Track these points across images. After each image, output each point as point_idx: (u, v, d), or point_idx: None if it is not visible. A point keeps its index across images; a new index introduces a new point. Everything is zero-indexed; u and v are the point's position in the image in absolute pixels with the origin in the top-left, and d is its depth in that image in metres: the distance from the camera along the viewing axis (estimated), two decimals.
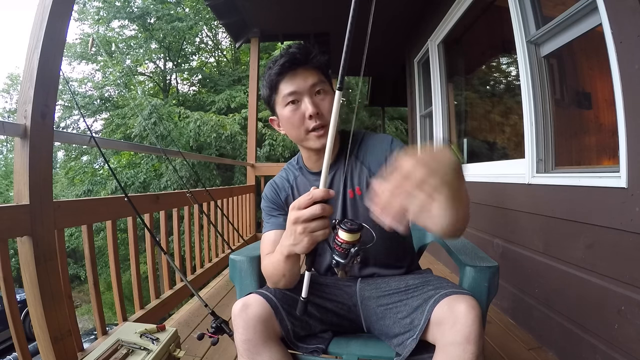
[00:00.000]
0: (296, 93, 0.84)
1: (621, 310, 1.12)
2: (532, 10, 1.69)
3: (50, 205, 1.16)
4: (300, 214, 0.63)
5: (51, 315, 1.12)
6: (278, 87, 0.85)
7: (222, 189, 3.05)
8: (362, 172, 0.90)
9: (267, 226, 0.95)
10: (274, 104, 0.89)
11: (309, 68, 0.84)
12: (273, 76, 0.84)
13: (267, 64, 0.87)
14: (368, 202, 0.88)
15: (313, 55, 0.84)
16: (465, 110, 3.14)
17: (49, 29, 1.11)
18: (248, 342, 0.76)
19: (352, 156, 0.92)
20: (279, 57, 0.84)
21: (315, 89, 0.84)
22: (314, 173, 0.95)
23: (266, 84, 0.87)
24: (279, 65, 0.83)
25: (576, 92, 1.80)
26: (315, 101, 0.84)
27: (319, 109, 0.83)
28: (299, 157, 1.01)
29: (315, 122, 0.83)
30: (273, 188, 0.99)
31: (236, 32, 3.86)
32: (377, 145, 0.91)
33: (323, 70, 0.87)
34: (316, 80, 0.84)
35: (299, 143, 0.91)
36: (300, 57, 0.83)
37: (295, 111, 0.84)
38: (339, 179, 0.92)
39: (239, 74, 11.90)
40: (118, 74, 11.41)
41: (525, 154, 1.69)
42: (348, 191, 0.91)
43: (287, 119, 0.86)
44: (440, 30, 2.83)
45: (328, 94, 0.86)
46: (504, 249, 1.88)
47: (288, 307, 0.82)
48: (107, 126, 11.61)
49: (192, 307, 2.08)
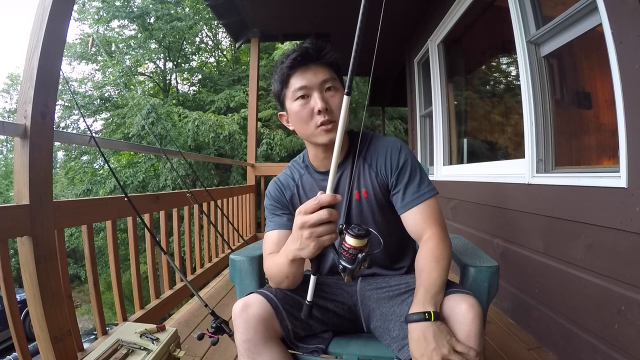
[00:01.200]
0: (306, 88, 0.83)
1: (621, 310, 1.12)
2: (532, 10, 1.69)
3: (50, 205, 1.16)
4: (307, 219, 0.62)
5: (51, 315, 1.12)
6: (289, 81, 0.85)
7: (222, 189, 3.05)
8: (369, 174, 0.90)
9: (270, 225, 0.94)
10: (284, 99, 0.88)
11: (320, 64, 0.84)
12: (285, 70, 0.84)
13: (279, 59, 0.87)
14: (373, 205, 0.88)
15: (326, 52, 0.84)
16: (465, 110, 3.14)
17: (49, 29, 1.11)
18: (248, 342, 0.76)
19: (360, 157, 0.92)
20: (292, 51, 0.84)
21: (325, 85, 0.84)
22: (321, 172, 0.94)
23: (277, 78, 0.87)
24: (291, 59, 0.83)
25: (576, 92, 1.80)
26: (324, 97, 0.84)
27: (328, 105, 0.83)
28: (304, 154, 1.00)
29: (324, 117, 0.83)
30: (277, 186, 0.97)
31: (236, 32, 3.86)
32: (386, 149, 0.90)
33: (334, 68, 0.87)
34: (327, 76, 0.84)
35: (307, 139, 0.90)
36: (313, 53, 0.83)
37: (305, 106, 0.84)
38: (345, 180, 0.91)
39: (239, 73, 11.90)
40: (118, 74, 11.41)
41: (525, 154, 1.69)
42: (354, 193, 0.91)
43: (296, 114, 0.85)
44: (440, 30, 2.83)
45: (338, 91, 0.86)
46: (504, 249, 1.88)
47: (289, 307, 0.82)
48: (107, 126, 11.61)
49: (192, 307, 2.08)
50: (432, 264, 0.75)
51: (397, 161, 0.88)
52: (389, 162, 0.88)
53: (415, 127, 3.70)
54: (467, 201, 2.33)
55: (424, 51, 3.24)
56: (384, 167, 0.89)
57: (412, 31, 3.58)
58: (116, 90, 12.43)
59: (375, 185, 0.89)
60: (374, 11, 0.63)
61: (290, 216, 0.94)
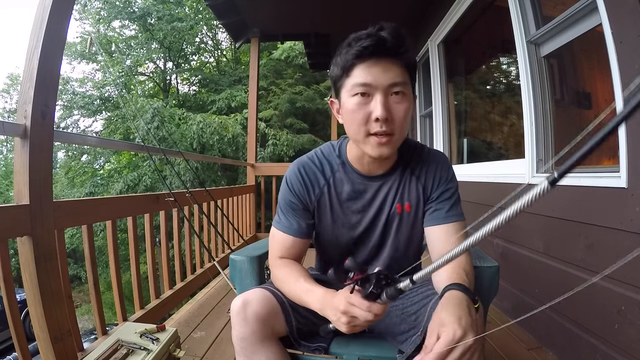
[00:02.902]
0: (370, 86, 0.70)
1: (621, 310, 1.12)
2: (532, 10, 1.69)
3: (50, 205, 1.16)
4: (353, 312, 0.61)
5: (51, 315, 1.12)
6: (351, 71, 0.72)
7: (222, 189, 3.05)
8: (416, 188, 0.84)
9: (283, 224, 0.86)
10: (341, 87, 0.75)
11: (395, 61, 0.71)
12: (349, 57, 0.70)
13: (348, 40, 0.73)
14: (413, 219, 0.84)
15: (405, 48, 0.71)
16: (465, 110, 3.14)
17: (49, 29, 1.11)
18: (245, 340, 0.75)
19: (408, 169, 0.85)
20: (364, 35, 0.70)
21: (393, 89, 0.71)
22: (363, 176, 0.84)
23: (339, 62, 0.73)
24: (361, 47, 0.69)
25: (576, 92, 1.80)
26: (388, 103, 0.71)
27: (390, 114, 0.71)
28: (342, 145, 0.87)
29: (381, 128, 0.71)
30: (301, 180, 0.84)
31: (236, 32, 3.86)
32: (437, 164, 0.84)
33: (410, 69, 0.74)
34: (398, 79, 0.70)
35: (355, 142, 0.79)
36: (390, 46, 0.69)
37: (362, 106, 0.72)
38: (389, 190, 0.85)
39: (239, 74, 11.89)
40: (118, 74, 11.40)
41: (525, 154, 1.69)
42: (396, 205, 0.84)
43: (350, 112, 0.73)
44: (440, 30, 2.83)
45: (406, 97, 0.73)
46: (504, 249, 1.88)
47: (294, 303, 0.81)
48: (107, 126, 11.61)
49: (192, 307, 2.08)
50: (463, 275, 0.71)
51: (447, 177, 0.84)
52: (439, 177, 0.83)
53: (415, 127, 3.70)
54: (467, 201, 2.32)
55: (424, 51, 3.24)
56: (432, 180, 0.84)
57: (412, 31, 3.58)
58: (116, 91, 12.42)
59: (421, 199, 0.84)
60: (374, 11, 0.62)
61: (309, 220, 0.86)
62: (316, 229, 0.90)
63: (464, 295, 0.64)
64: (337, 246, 0.90)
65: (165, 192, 1.98)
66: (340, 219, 0.86)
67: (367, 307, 0.60)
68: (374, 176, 0.85)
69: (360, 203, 0.85)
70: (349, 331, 0.64)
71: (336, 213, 0.86)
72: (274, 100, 9.95)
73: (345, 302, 0.62)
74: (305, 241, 0.87)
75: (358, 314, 0.61)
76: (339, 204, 0.86)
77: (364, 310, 0.60)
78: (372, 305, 0.59)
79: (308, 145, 9.05)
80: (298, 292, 0.76)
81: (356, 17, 3.50)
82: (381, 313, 0.60)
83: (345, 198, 0.85)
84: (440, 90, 2.95)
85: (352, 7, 3.19)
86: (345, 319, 0.62)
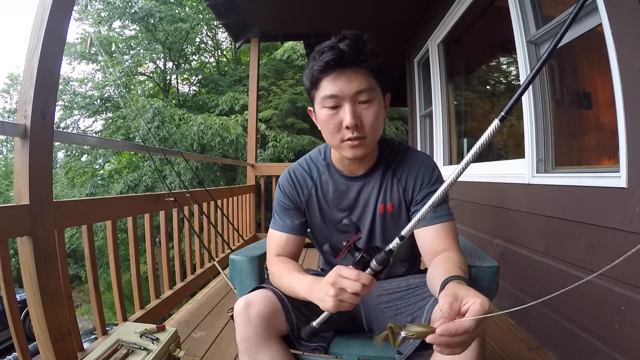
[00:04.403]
0: (337, 97, 0.74)
1: (621, 310, 1.12)
2: (532, 10, 1.69)
3: (50, 205, 1.16)
4: (341, 283, 0.61)
5: (51, 315, 1.12)
6: (319, 84, 0.76)
7: (222, 189, 3.05)
8: (397, 189, 0.86)
9: (278, 224, 0.91)
10: (313, 99, 0.80)
11: (358, 70, 0.73)
12: (315, 72, 0.74)
13: (313, 53, 0.76)
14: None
15: (365, 56, 0.72)
16: (465, 110, 3.14)
17: (49, 29, 1.11)
18: (248, 340, 0.76)
19: (390, 170, 0.87)
20: (327, 49, 0.72)
21: (359, 97, 0.74)
22: (345, 176, 0.89)
23: (307, 75, 0.78)
24: (323, 62, 0.72)
25: (576, 92, 1.80)
26: (356, 110, 0.74)
27: (359, 120, 0.74)
28: (326, 149, 0.92)
29: (352, 134, 0.75)
30: (292, 182, 0.91)
31: (236, 32, 3.86)
32: (419, 166, 0.86)
33: (375, 73, 0.76)
34: (363, 86, 0.73)
35: (332, 147, 0.85)
36: (349, 57, 0.71)
37: (333, 116, 0.76)
38: (371, 191, 0.87)
39: (239, 74, 11.89)
40: (118, 74, 11.40)
41: (525, 154, 1.69)
42: (379, 206, 0.87)
43: (323, 122, 0.78)
44: (440, 30, 2.83)
45: (374, 103, 0.75)
46: (504, 249, 1.88)
47: (294, 301, 0.82)
48: (107, 127, 11.60)
49: (192, 307, 2.08)
50: (460, 273, 0.67)
51: (430, 179, 0.84)
52: (420, 180, 0.84)
53: (415, 127, 3.70)
54: (467, 201, 2.33)
55: (424, 51, 3.24)
56: (414, 183, 0.85)
57: (412, 31, 3.58)
58: (116, 91, 12.42)
59: (402, 200, 0.86)
60: (373, 11, 0.62)
61: (301, 219, 0.91)
62: (311, 228, 0.94)
63: (467, 285, 0.63)
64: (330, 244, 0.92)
65: (165, 192, 1.98)
66: (329, 218, 0.91)
67: (355, 276, 0.60)
68: (356, 176, 0.89)
69: (345, 203, 0.89)
70: (335, 308, 0.63)
71: (325, 212, 0.91)
72: (274, 100, 9.95)
73: (334, 273, 0.63)
74: (299, 238, 0.91)
75: (347, 285, 0.61)
76: (327, 203, 0.91)
77: (352, 280, 0.60)
78: (361, 274, 0.61)
79: (308, 147, 9.05)
80: (291, 284, 0.78)
81: (356, 17, 3.51)
82: (369, 284, 0.60)
83: (331, 198, 0.90)
84: (440, 90, 2.95)
85: (352, 7, 3.19)
86: (333, 290, 0.62)
